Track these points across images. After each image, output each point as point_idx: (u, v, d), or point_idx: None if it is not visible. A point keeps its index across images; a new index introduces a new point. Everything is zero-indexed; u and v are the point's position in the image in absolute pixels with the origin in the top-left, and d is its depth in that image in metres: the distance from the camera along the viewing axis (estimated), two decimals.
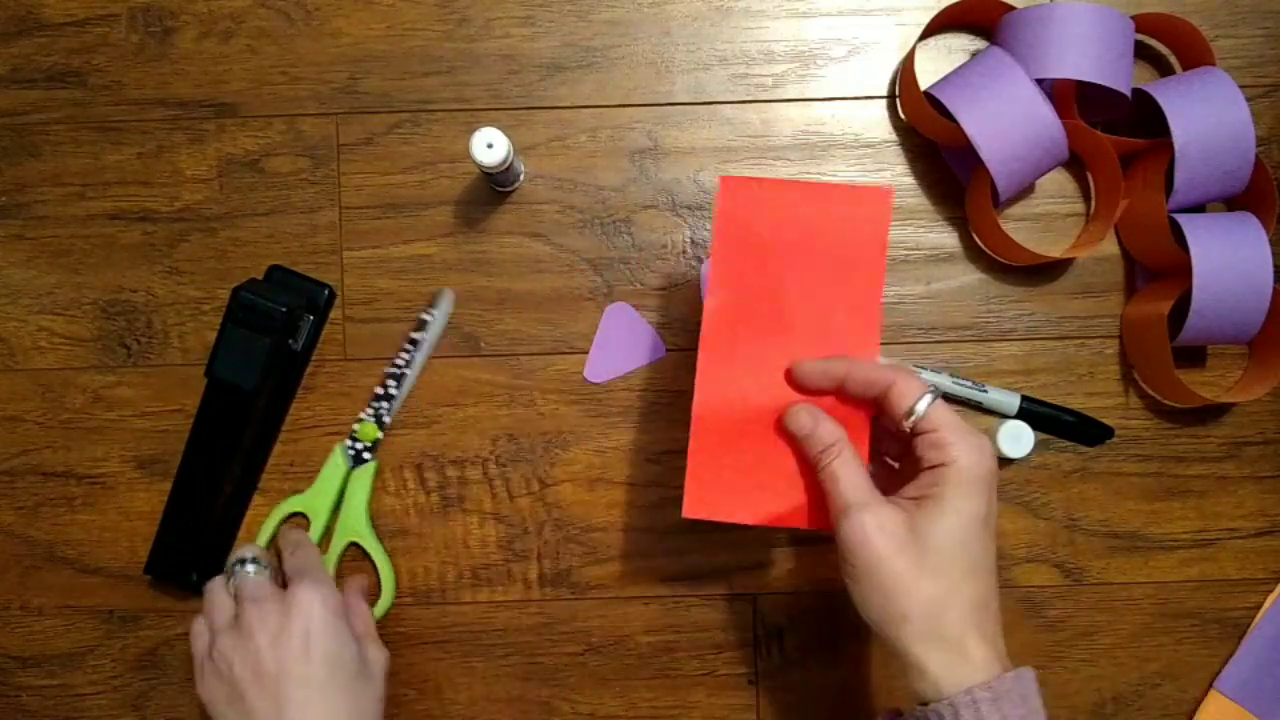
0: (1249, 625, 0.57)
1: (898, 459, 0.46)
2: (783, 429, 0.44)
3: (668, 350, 0.57)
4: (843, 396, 0.44)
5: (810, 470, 0.43)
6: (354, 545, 0.55)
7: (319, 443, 0.57)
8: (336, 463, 0.55)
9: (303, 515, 0.56)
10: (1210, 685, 0.56)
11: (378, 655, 0.51)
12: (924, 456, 0.41)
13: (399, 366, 0.55)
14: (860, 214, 0.44)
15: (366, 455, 0.55)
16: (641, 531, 0.57)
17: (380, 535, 0.56)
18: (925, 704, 0.39)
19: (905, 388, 0.41)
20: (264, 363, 0.52)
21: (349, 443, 0.55)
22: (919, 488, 0.41)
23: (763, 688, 0.56)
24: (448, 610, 0.57)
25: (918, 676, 0.39)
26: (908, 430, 0.41)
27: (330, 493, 0.55)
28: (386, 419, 0.55)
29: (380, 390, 0.55)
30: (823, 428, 0.42)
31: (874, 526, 0.40)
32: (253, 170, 0.57)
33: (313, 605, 0.47)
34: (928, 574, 0.39)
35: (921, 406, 0.41)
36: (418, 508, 0.57)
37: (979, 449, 0.40)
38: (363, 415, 0.55)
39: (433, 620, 0.57)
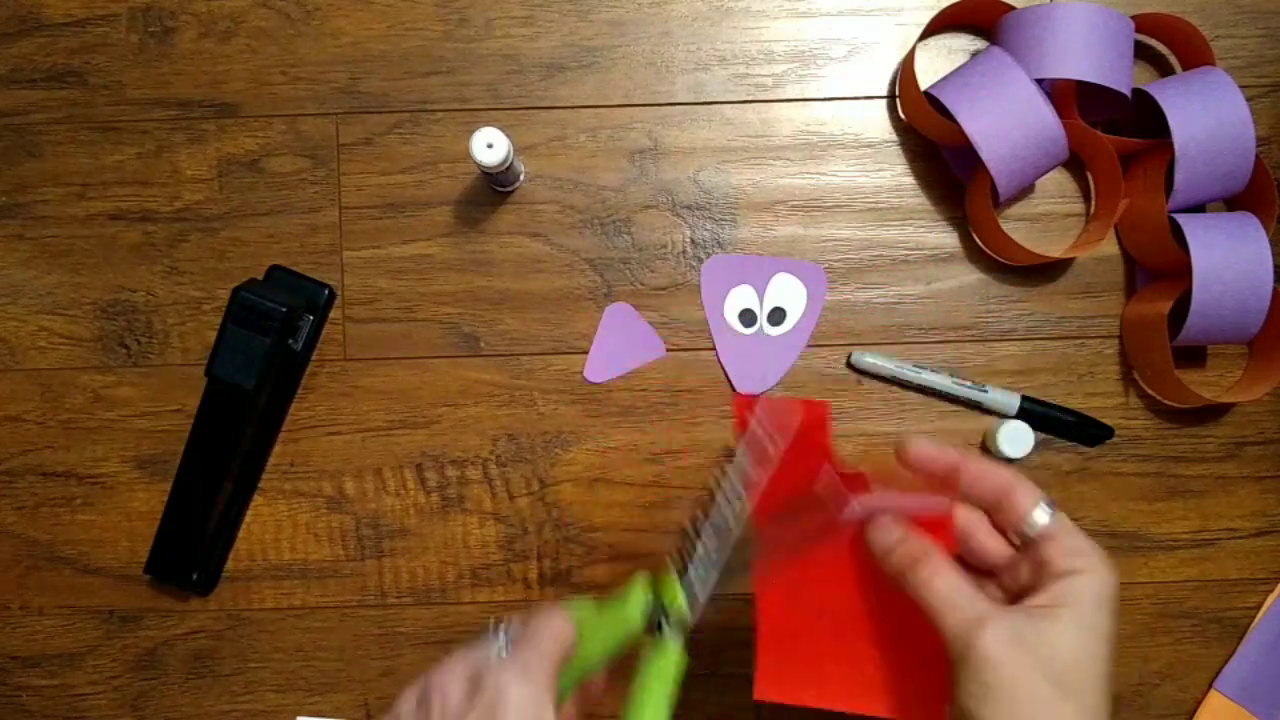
0: (1249, 625, 0.57)
1: (991, 574, 0.41)
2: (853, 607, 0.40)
3: (668, 350, 0.57)
4: (933, 509, 0.40)
5: (900, 656, 0.40)
6: None
7: (319, 443, 0.57)
8: (630, 605, 0.39)
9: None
10: (1210, 685, 0.56)
11: None
12: (1054, 562, 0.37)
13: (709, 490, 0.39)
14: None
15: (664, 626, 0.38)
16: (641, 531, 0.57)
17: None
18: None
19: (1025, 492, 0.38)
20: (264, 363, 0.52)
21: (650, 596, 0.39)
22: (1050, 596, 0.36)
23: None
24: (448, 610, 0.57)
25: None
26: (1022, 537, 0.38)
27: (608, 630, 0.39)
28: (694, 580, 0.38)
29: (689, 526, 0.39)
30: (913, 539, 0.38)
31: (1013, 639, 0.34)
32: (253, 170, 0.57)
33: (511, 711, 0.34)
34: (1071, 696, 0.34)
35: (1039, 516, 0.38)
36: (418, 508, 0.57)
37: (1109, 563, 0.37)
38: (671, 562, 0.39)
39: (433, 620, 0.57)
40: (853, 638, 0.41)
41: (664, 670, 0.38)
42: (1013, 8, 0.54)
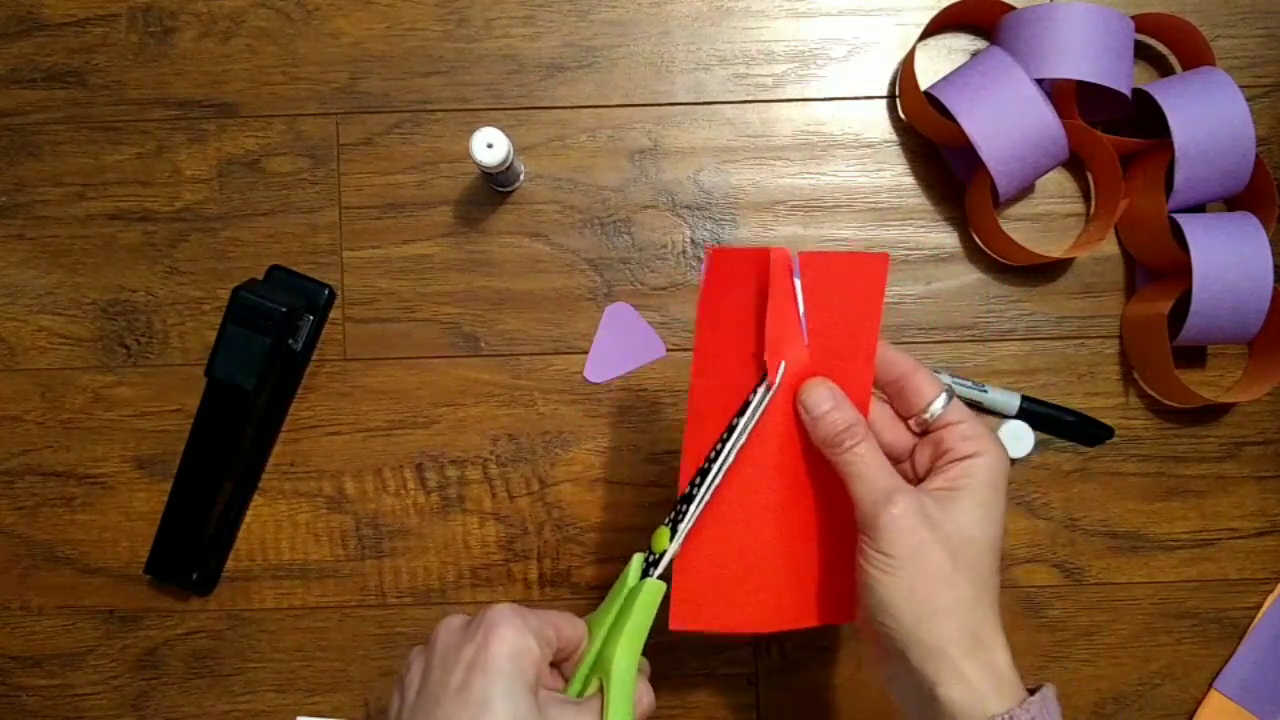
0: (1249, 625, 0.57)
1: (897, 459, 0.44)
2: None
3: (668, 350, 0.57)
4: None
5: (822, 559, 0.41)
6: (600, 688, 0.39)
7: (319, 443, 0.57)
8: (629, 576, 0.41)
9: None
10: (1210, 685, 0.56)
11: None
12: (953, 448, 0.39)
13: (708, 460, 0.41)
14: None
15: (651, 573, 0.41)
16: (642, 531, 0.57)
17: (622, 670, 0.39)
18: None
19: (926, 379, 0.41)
20: (264, 363, 0.52)
21: (648, 554, 0.41)
22: (947, 480, 0.39)
23: (763, 688, 0.56)
24: (448, 610, 0.56)
25: (956, 686, 0.36)
26: (922, 424, 0.41)
27: (612, 612, 0.41)
28: (682, 526, 0.40)
29: (685, 489, 0.42)
30: (843, 408, 0.39)
31: (918, 513, 0.37)
32: (253, 170, 0.57)
33: (491, 632, 0.36)
34: (965, 569, 0.37)
35: (939, 405, 0.40)
36: (418, 508, 0.57)
37: (1001, 445, 0.40)
38: (665, 520, 0.41)
39: (433, 620, 0.56)
40: (769, 552, 0.41)
41: (635, 600, 0.40)
42: (1013, 8, 0.54)
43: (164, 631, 0.57)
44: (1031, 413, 0.56)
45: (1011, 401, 0.56)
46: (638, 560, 0.41)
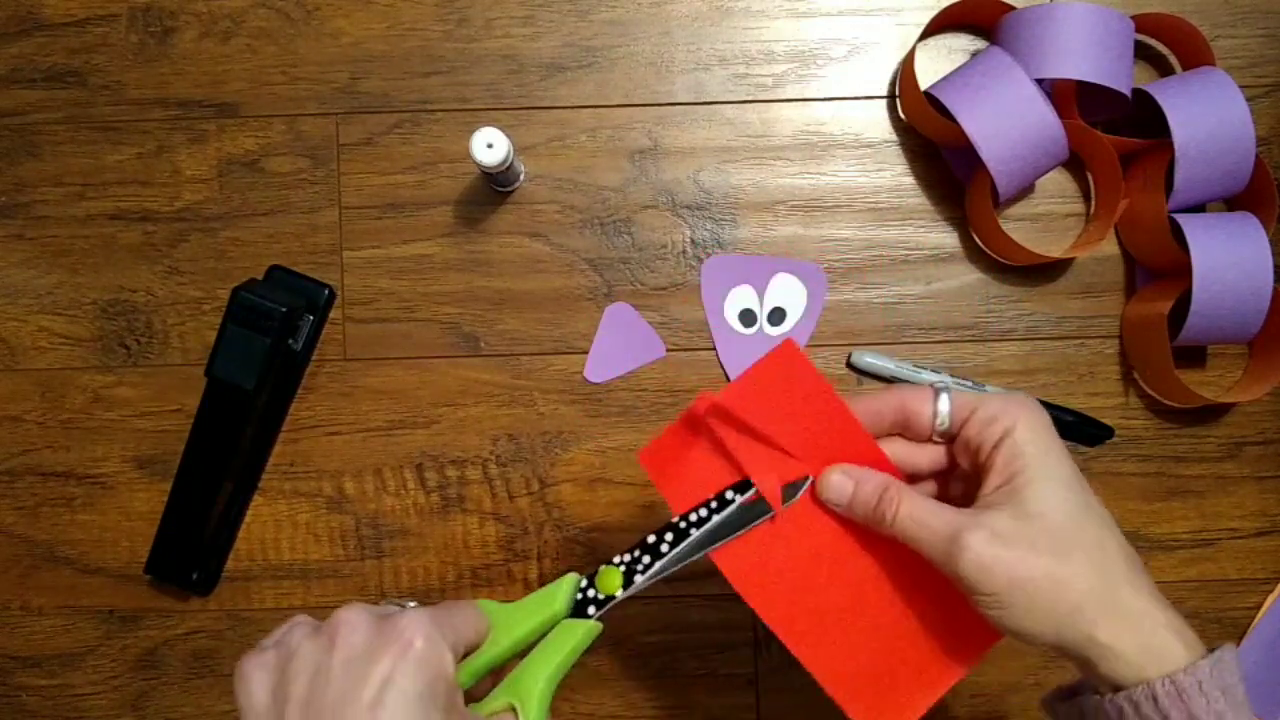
0: (1249, 625, 0.57)
1: (936, 480, 0.42)
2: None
3: (668, 350, 0.57)
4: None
5: (942, 604, 0.39)
6: (511, 710, 0.38)
7: (319, 443, 0.57)
8: (557, 595, 0.41)
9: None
10: None
11: None
12: (984, 439, 0.37)
13: (686, 521, 0.41)
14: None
15: (591, 610, 0.41)
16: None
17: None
18: (1118, 689, 0.35)
19: (914, 396, 0.39)
20: (264, 363, 0.52)
21: (584, 582, 0.41)
22: (1000, 473, 0.37)
23: (763, 688, 0.56)
24: None
25: (1114, 662, 0.34)
26: (944, 435, 0.39)
27: (529, 622, 0.40)
28: (639, 578, 0.41)
29: (651, 538, 0.41)
30: (866, 481, 0.38)
31: (991, 541, 0.35)
32: (253, 170, 0.57)
33: (410, 649, 0.34)
34: (1071, 553, 0.35)
35: (944, 407, 0.39)
36: (418, 508, 0.57)
37: (1025, 402, 0.38)
38: (616, 559, 0.42)
39: None
40: (901, 630, 0.40)
41: (572, 636, 0.40)
42: (1013, 8, 0.54)
43: (164, 631, 0.57)
44: None
45: None
46: (570, 583, 0.41)
